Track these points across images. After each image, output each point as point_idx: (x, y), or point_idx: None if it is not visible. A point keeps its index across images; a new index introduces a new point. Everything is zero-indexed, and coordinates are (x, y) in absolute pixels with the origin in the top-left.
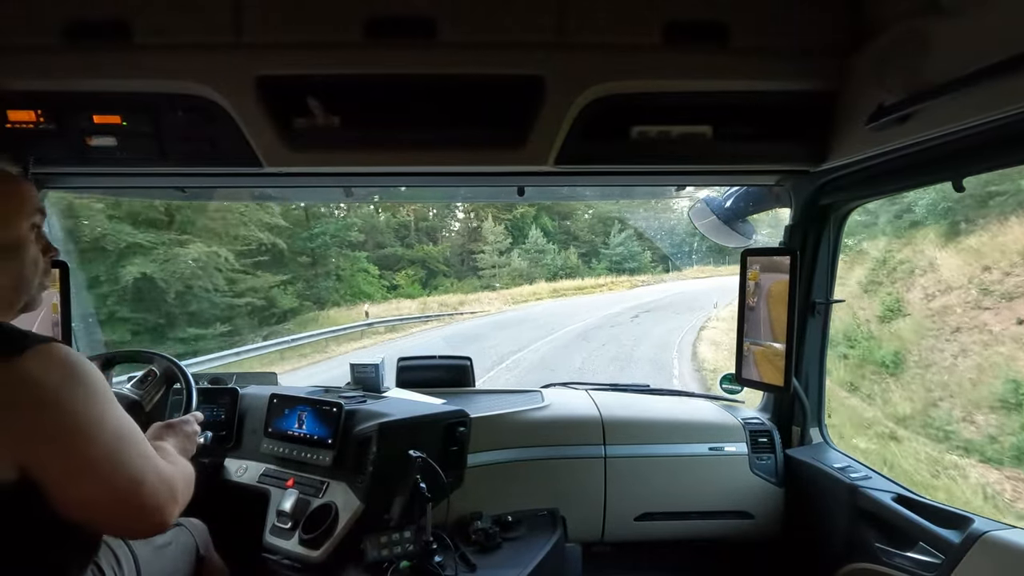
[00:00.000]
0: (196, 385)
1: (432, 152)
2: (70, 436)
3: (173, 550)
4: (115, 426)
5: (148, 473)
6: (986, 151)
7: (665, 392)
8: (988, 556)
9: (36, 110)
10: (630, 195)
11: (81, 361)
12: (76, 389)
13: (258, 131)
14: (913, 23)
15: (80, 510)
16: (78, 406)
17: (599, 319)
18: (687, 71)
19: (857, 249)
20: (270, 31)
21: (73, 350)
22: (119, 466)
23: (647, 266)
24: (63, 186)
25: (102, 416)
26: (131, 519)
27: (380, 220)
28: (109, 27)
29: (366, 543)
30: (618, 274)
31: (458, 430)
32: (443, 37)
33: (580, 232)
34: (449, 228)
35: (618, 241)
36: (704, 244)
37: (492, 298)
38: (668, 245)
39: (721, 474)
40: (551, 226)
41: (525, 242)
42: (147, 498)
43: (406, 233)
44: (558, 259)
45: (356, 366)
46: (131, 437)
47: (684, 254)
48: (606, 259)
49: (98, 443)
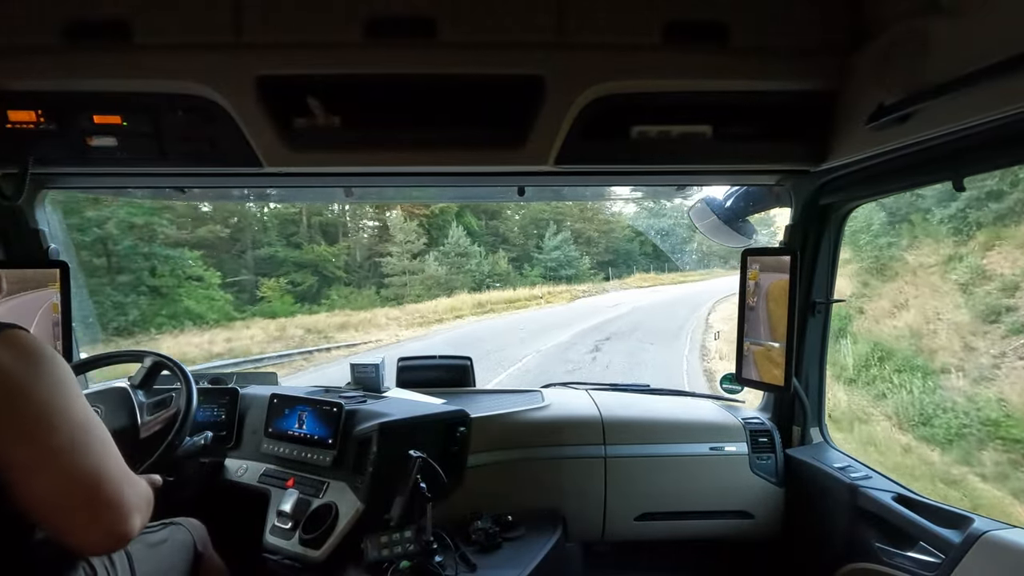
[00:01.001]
0: (196, 385)
1: (432, 152)
2: (33, 425)
3: (168, 548)
4: (80, 419)
5: (111, 471)
6: (986, 151)
7: (665, 392)
8: (988, 556)
9: (36, 110)
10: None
11: (45, 348)
12: (40, 377)
13: (258, 131)
14: (913, 23)
15: (40, 506)
16: (42, 394)
17: (545, 353)
18: (687, 71)
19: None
20: (270, 31)
21: (37, 338)
22: (81, 460)
23: (586, 273)
24: (63, 186)
25: (67, 406)
26: (89, 520)
27: (252, 210)
28: (109, 27)
29: (366, 543)
30: (554, 282)
31: (458, 430)
32: (443, 37)
33: (511, 234)
34: (356, 224)
35: (553, 244)
36: (644, 249)
37: (395, 317)
38: (604, 251)
39: (721, 474)
40: (476, 225)
41: (444, 243)
42: (108, 497)
43: (294, 230)
44: (485, 264)
45: (356, 366)
46: (96, 432)
47: (624, 261)
48: (540, 265)
49: (61, 433)
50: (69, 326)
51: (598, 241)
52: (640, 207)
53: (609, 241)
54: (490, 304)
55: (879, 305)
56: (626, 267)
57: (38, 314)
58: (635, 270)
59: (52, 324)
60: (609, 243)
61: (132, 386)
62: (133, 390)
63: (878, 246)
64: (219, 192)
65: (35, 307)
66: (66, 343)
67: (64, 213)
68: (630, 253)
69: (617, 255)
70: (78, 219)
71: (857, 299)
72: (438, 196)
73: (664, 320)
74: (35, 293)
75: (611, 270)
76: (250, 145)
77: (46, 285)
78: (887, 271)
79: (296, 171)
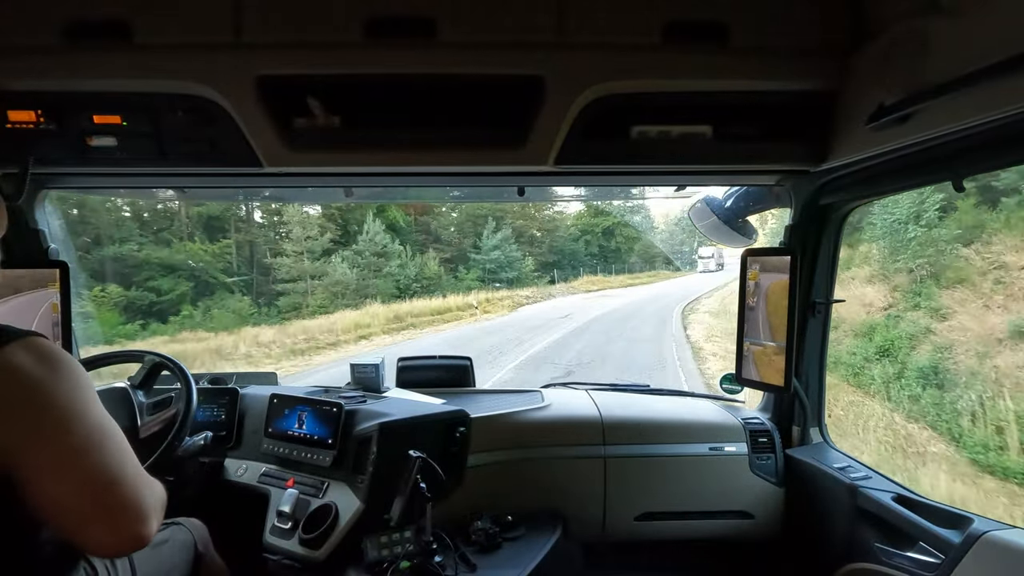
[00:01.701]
0: (196, 385)
1: (432, 152)
2: (52, 427)
3: (169, 548)
4: (97, 421)
5: (128, 472)
6: (986, 151)
7: (665, 392)
8: (988, 556)
9: (36, 110)
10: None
11: (64, 354)
12: (60, 381)
13: (258, 131)
14: (913, 23)
15: (56, 508)
16: (61, 398)
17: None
18: (687, 71)
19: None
20: (270, 31)
21: (55, 344)
22: (98, 461)
23: (528, 275)
24: (63, 186)
25: (85, 409)
26: (105, 522)
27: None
28: (109, 27)
29: (366, 543)
30: (493, 286)
31: (458, 430)
32: (443, 37)
33: (444, 231)
34: (249, 216)
35: (493, 244)
36: (590, 249)
37: (267, 343)
38: (548, 251)
39: (721, 474)
40: (404, 221)
41: (357, 241)
42: (124, 499)
43: (166, 224)
44: (411, 267)
45: (356, 366)
46: (113, 435)
47: (570, 262)
48: (478, 267)
49: (79, 436)
50: (69, 326)
51: (542, 240)
52: (588, 206)
53: (553, 240)
54: (410, 317)
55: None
56: (572, 268)
57: (38, 314)
58: (582, 272)
59: (52, 324)
60: (554, 242)
61: (132, 386)
62: (133, 390)
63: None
64: (218, 192)
65: (35, 307)
66: (66, 343)
67: None
68: (576, 253)
69: (562, 255)
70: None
71: (930, 317)
72: (438, 196)
73: (634, 340)
74: (35, 293)
75: (556, 272)
76: (250, 145)
77: (45, 285)
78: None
79: (296, 171)
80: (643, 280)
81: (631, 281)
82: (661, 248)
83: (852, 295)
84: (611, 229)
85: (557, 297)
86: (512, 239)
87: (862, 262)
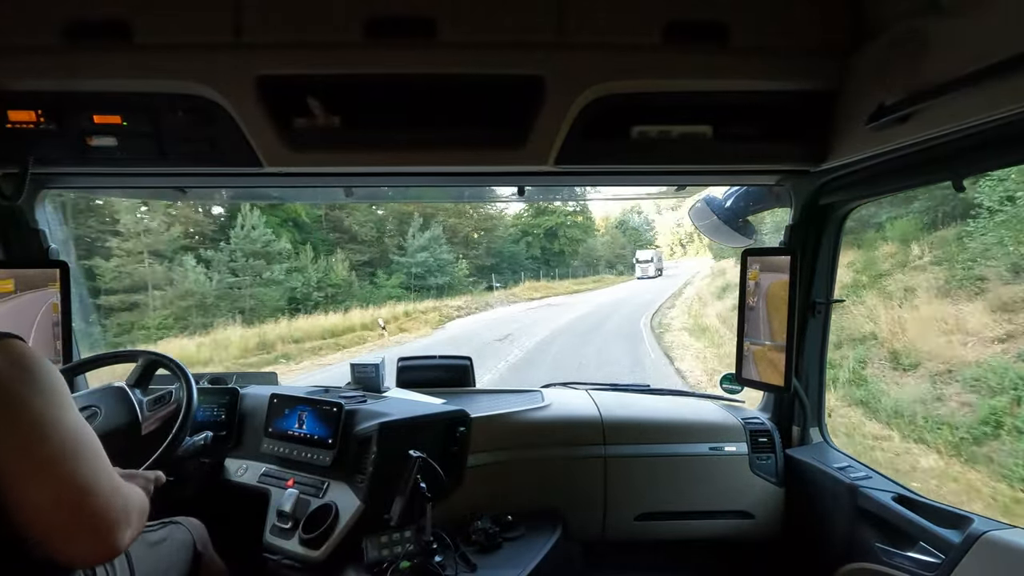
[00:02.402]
0: (196, 385)
1: (432, 152)
2: (25, 434)
3: (168, 547)
4: (73, 429)
5: (102, 482)
6: (987, 151)
7: (665, 392)
8: (988, 556)
9: (36, 110)
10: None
11: (39, 358)
12: (34, 386)
13: (258, 131)
14: (913, 23)
15: (29, 518)
16: (35, 404)
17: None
18: (687, 71)
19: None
20: (270, 31)
21: (31, 348)
22: (72, 470)
23: (462, 281)
24: (63, 186)
25: (59, 416)
26: (78, 533)
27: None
28: (109, 27)
29: (366, 543)
30: (420, 294)
31: (458, 430)
32: (443, 37)
33: (360, 229)
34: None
35: (420, 244)
36: (531, 251)
37: None
38: (486, 253)
39: (721, 474)
40: (307, 216)
41: (228, 237)
42: (97, 508)
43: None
44: (312, 271)
45: (356, 366)
46: (88, 443)
47: (510, 266)
48: (402, 271)
49: (53, 443)
50: (69, 326)
51: (479, 242)
52: (529, 206)
53: (492, 241)
54: (285, 344)
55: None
56: (512, 273)
57: (38, 314)
58: (523, 276)
59: (52, 324)
60: (492, 244)
61: (129, 385)
62: (131, 389)
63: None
64: (218, 192)
65: (35, 307)
66: (66, 343)
67: None
68: (516, 256)
69: (501, 258)
70: None
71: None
72: (438, 196)
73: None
74: (35, 293)
75: (495, 277)
76: (250, 145)
77: (46, 285)
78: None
79: (296, 171)
80: (589, 285)
81: (576, 287)
82: (604, 252)
83: (925, 318)
84: (554, 230)
85: (495, 307)
86: (443, 239)
87: (913, 267)
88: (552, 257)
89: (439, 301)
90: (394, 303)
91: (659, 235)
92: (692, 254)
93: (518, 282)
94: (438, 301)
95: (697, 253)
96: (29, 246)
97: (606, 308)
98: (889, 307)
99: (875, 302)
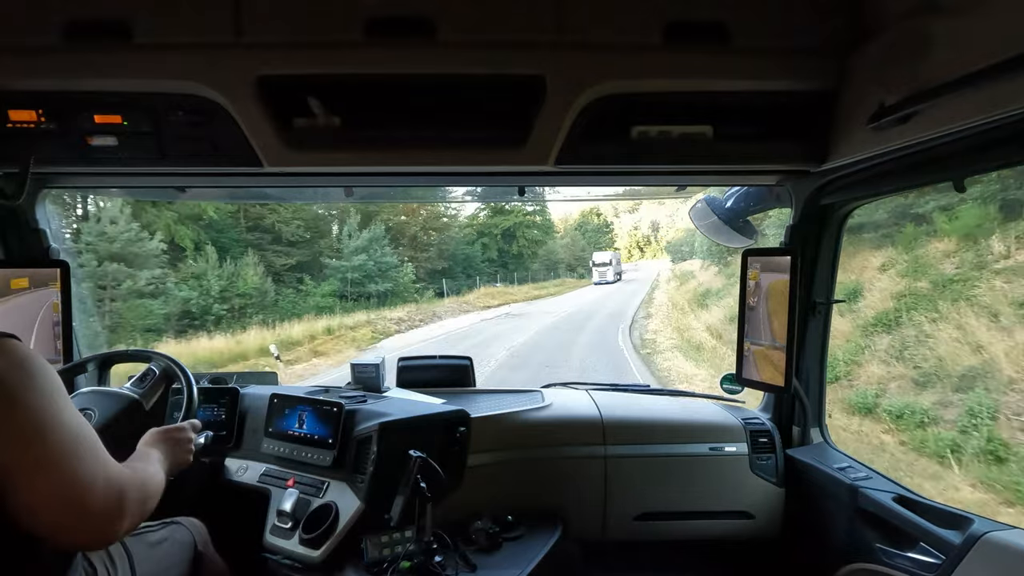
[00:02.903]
0: (197, 384)
1: (432, 152)
2: (26, 432)
3: (168, 547)
4: (71, 426)
5: (98, 478)
6: (987, 151)
7: (665, 392)
8: (988, 557)
9: (37, 110)
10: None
11: (38, 358)
12: (33, 385)
13: (258, 131)
14: (913, 23)
15: (27, 512)
16: (35, 402)
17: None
18: (687, 71)
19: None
20: (270, 31)
21: (29, 347)
22: (71, 467)
23: (408, 288)
24: (63, 186)
25: (58, 415)
26: (76, 526)
27: None
28: (109, 27)
29: (366, 543)
30: (356, 304)
31: (458, 430)
32: (443, 37)
33: (286, 228)
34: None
35: (358, 245)
36: (488, 254)
37: None
38: (437, 256)
39: (721, 474)
40: (216, 213)
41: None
42: (94, 505)
43: None
44: (215, 280)
45: (357, 366)
46: (86, 439)
47: (464, 269)
48: (336, 276)
49: (52, 441)
50: (69, 326)
51: (429, 243)
52: (485, 206)
53: (444, 243)
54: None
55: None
56: (467, 277)
57: (39, 314)
58: (479, 281)
59: (52, 324)
60: (444, 245)
61: (131, 387)
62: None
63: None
64: (218, 192)
65: (35, 307)
66: (66, 343)
67: None
68: (471, 259)
69: (455, 261)
70: None
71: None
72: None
73: None
74: (35, 293)
75: (446, 282)
76: (250, 145)
77: (46, 284)
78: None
79: (296, 171)
80: (551, 290)
81: (537, 292)
82: (564, 255)
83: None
84: (512, 230)
85: (444, 319)
86: (385, 239)
87: (1001, 270)
88: (510, 260)
89: (375, 312)
90: (316, 317)
91: (618, 238)
92: (649, 256)
93: (473, 287)
94: (374, 312)
95: (654, 256)
96: (29, 246)
97: (575, 318)
98: (995, 325)
99: (964, 317)
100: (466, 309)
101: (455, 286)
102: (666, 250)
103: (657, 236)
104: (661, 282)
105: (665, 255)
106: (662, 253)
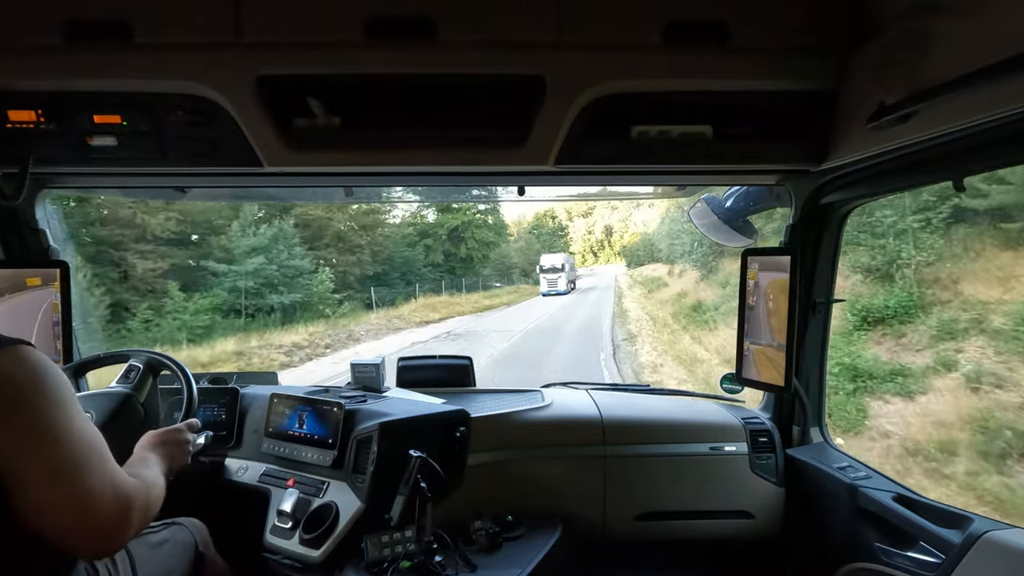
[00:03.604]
0: (196, 384)
1: (432, 152)
2: (39, 438)
3: (170, 548)
4: (81, 434)
5: (106, 488)
6: (987, 150)
7: (665, 392)
8: (988, 556)
9: (36, 110)
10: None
11: (50, 365)
12: (48, 391)
13: (258, 131)
14: (913, 23)
15: (35, 516)
16: (49, 409)
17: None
18: (687, 71)
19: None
20: (270, 31)
21: (43, 354)
22: (82, 477)
23: (324, 298)
24: (63, 186)
25: (71, 422)
26: (82, 533)
27: None
28: (109, 27)
29: (366, 543)
30: (250, 321)
31: (458, 430)
32: (443, 37)
33: (157, 225)
34: None
35: (255, 243)
36: (431, 258)
37: None
38: (371, 260)
39: (721, 474)
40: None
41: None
42: (100, 512)
43: None
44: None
45: (357, 366)
46: (97, 449)
47: (402, 276)
48: (226, 283)
49: (64, 448)
50: (69, 326)
51: (358, 245)
52: (431, 205)
53: (377, 243)
54: None
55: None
56: (406, 284)
57: (39, 314)
58: (419, 290)
59: (52, 324)
60: (378, 247)
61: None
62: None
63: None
64: (219, 192)
65: (35, 307)
66: (66, 343)
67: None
68: (411, 263)
69: (391, 266)
70: None
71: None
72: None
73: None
74: (35, 293)
75: (375, 292)
76: (250, 145)
77: (46, 284)
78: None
79: (296, 171)
80: (504, 299)
81: (488, 301)
82: (518, 259)
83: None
84: (460, 231)
85: (364, 341)
86: (296, 239)
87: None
88: (458, 264)
89: (265, 336)
90: (168, 347)
91: (573, 242)
92: (603, 261)
93: (410, 299)
94: (263, 337)
95: (608, 260)
96: (29, 246)
97: (536, 340)
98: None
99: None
100: (397, 327)
101: (390, 295)
102: (621, 254)
103: (611, 240)
104: (624, 289)
105: (619, 259)
106: (616, 258)
